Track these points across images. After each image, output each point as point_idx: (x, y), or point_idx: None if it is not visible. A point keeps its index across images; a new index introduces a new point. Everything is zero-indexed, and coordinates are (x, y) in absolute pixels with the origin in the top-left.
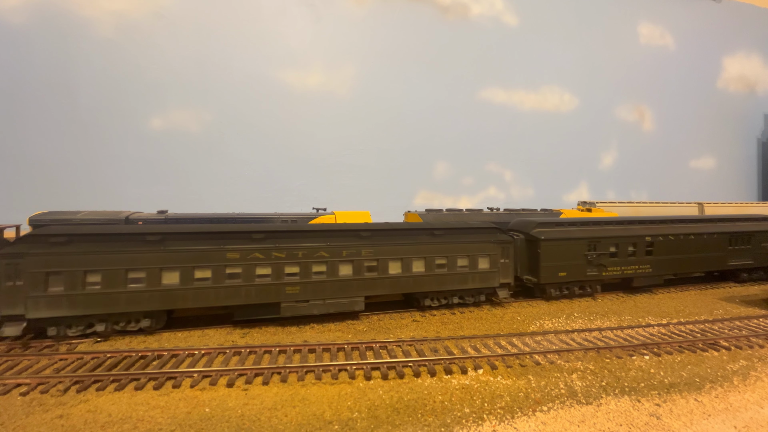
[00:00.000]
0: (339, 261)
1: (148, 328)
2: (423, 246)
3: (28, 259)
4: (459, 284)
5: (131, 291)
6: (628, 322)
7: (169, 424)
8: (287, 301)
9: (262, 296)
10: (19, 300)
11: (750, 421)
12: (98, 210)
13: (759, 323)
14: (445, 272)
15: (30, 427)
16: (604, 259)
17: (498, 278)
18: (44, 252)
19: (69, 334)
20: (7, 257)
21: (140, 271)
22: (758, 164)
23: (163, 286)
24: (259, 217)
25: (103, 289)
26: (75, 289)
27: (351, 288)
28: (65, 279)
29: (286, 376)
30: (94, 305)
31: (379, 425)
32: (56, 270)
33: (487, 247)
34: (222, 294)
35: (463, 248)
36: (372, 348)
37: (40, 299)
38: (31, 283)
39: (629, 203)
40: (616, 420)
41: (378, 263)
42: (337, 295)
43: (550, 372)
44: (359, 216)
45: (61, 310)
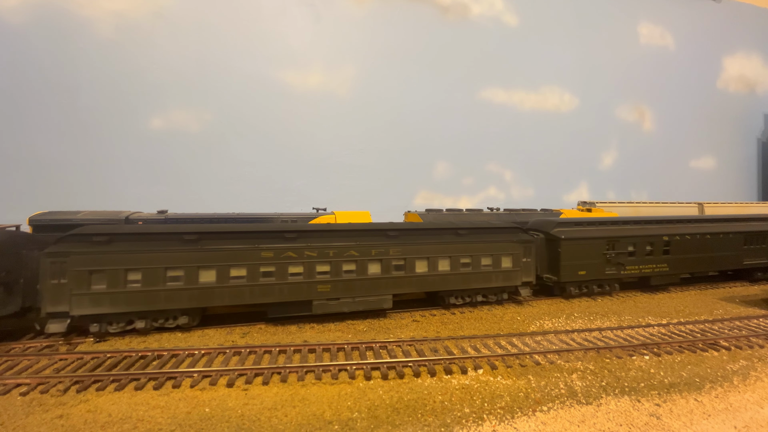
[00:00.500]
0: (368, 260)
1: (185, 325)
2: (448, 245)
3: (73, 258)
4: (483, 283)
5: (170, 289)
6: (628, 322)
7: (169, 424)
8: (319, 298)
9: (294, 294)
10: (64, 297)
11: (750, 421)
12: (98, 210)
13: (759, 323)
14: (469, 271)
15: (30, 427)
16: (623, 258)
17: (521, 277)
18: (87, 251)
19: (110, 330)
20: (53, 256)
21: (178, 270)
22: (758, 164)
23: (201, 284)
24: (259, 217)
25: (144, 287)
26: (117, 286)
27: (379, 286)
28: (107, 277)
29: (286, 376)
30: (134, 302)
31: (379, 425)
32: (99, 268)
33: (509, 247)
34: (257, 292)
35: (486, 247)
36: (372, 348)
37: (83, 297)
38: (76, 281)
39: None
40: (616, 420)
41: (405, 262)
42: (366, 293)
43: (550, 372)
44: (359, 216)
45: (103, 308)
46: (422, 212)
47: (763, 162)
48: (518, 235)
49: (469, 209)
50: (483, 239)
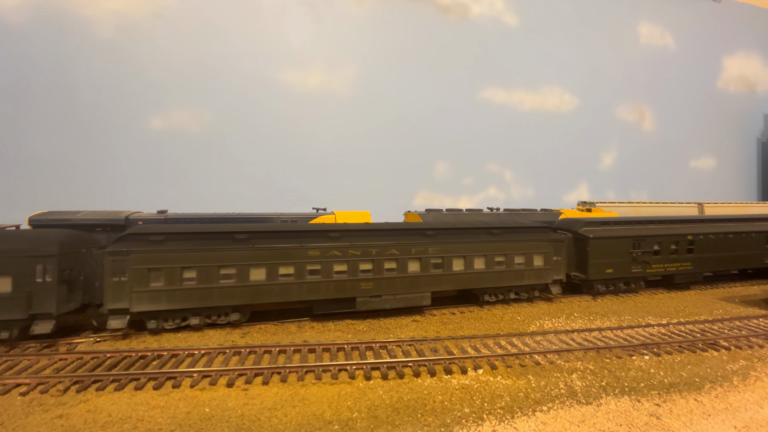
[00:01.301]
0: (408, 258)
1: (236, 321)
2: (483, 244)
3: (132, 257)
4: (516, 280)
5: (223, 286)
6: (628, 322)
7: (169, 424)
8: (362, 296)
9: (339, 291)
10: (124, 294)
11: (750, 421)
12: (98, 210)
13: (759, 323)
14: (503, 269)
15: (30, 427)
16: (648, 257)
17: (551, 275)
18: (146, 249)
19: (165, 327)
20: (114, 254)
21: (230, 268)
22: (758, 164)
23: (251, 281)
24: (259, 217)
25: (198, 285)
26: (173, 284)
27: (419, 284)
28: (165, 275)
29: (286, 376)
30: (190, 299)
31: (379, 425)
32: (157, 266)
33: (541, 246)
34: (304, 289)
35: (519, 246)
36: (372, 348)
37: (142, 294)
38: (135, 278)
39: (629, 203)
40: (616, 420)
41: (443, 260)
42: (406, 291)
43: (550, 372)
44: (359, 216)
45: (161, 304)
46: (422, 212)
47: (762, 162)
48: (549, 235)
49: (469, 209)
50: (516, 238)
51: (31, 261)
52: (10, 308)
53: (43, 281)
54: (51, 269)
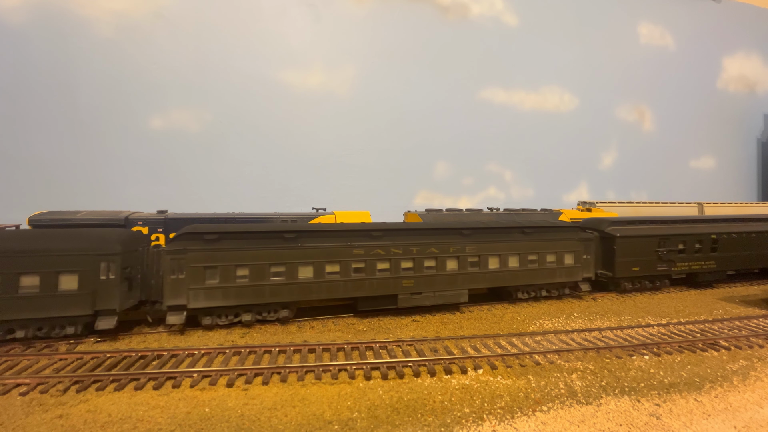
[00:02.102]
0: (446, 257)
1: (284, 318)
2: (517, 243)
3: (190, 255)
4: (548, 278)
5: (274, 284)
6: (628, 322)
7: (169, 424)
8: (403, 293)
9: (382, 288)
10: (182, 291)
11: (750, 421)
12: (98, 210)
13: (759, 323)
14: (536, 267)
15: (29, 427)
16: (673, 255)
17: (581, 273)
18: (202, 248)
19: (219, 323)
20: (173, 253)
21: (281, 266)
22: (758, 164)
23: (300, 279)
24: (259, 216)
25: (251, 282)
26: (228, 281)
27: (457, 281)
28: (220, 273)
29: (286, 376)
30: (243, 296)
31: (378, 425)
32: (212, 265)
33: (571, 244)
34: (349, 286)
35: (551, 245)
36: (372, 348)
37: (199, 291)
38: (192, 276)
39: (629, 203)
40: (615, 420)
41: (479, 259)
42: (445, 288)
43: (550, 372)
44: (359, 216)
45: (216, 301)
46: (422, 212)
47: (762, 162)
48: (579, 234)
49: (469, 209)
50: (547, 237)
51: (96, 259)
52: (77, 304)
53: (107, 278)
54: (114, 267)
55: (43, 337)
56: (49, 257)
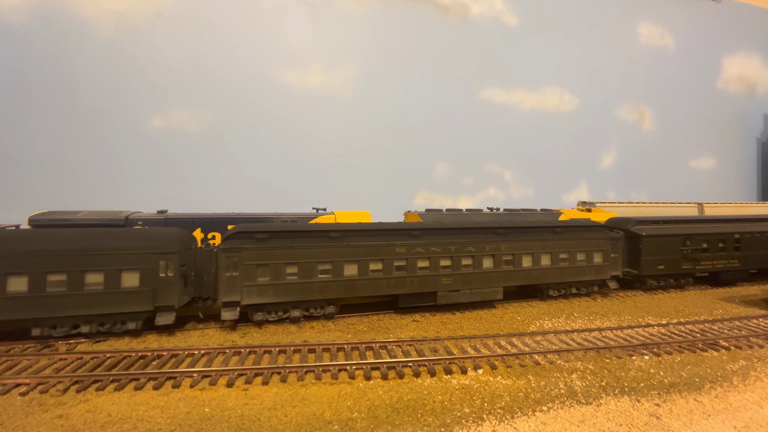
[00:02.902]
0: (483, 255)
1: (330, 314)
2: (548, 242)
3: (243, 253)
4: (578, 276)
5: (321, 281)
6: (628, 322)
7: (169, 424)
8: (442, 290)
9: (422, 286)
10: (236, 288)
11: (750, 421)
12: (98, 210)
13: (759, 323)
14: (567, 266)
15: (29, 427)
16: (697, 254)
17: (609, 271)
18: (254, 247)
19: (269, 319)
20: (227, 251)
21: (327, 264)
22: (758, 164)
23: (345, 276)
24: (258, 216)
25: (300, 279)
26: (278, 279)
27: (492, 279)
28: (270, 270)
29: (286, 376)
30: (293, 293)
31: (378, 425)
32: (264, 262)
33: (600, 243)
34: (392, 283)
35: (581, 244)
36: (372, 348)
37: (252, 288)
38: (245, 273)
39: (629, 203)
40: (615, 420)
41: (513, 257)
42: (481, 285)
43: (549, 372)
44: (359, 216)
45: (267, 297)
46: (422, 212)
47: (762, 162)
48: (607, 233)
49: (469, 209)
50: (578, 236)
51: (156, 257)
52: (138, 301)
53: (166, 276)
54: (172, 265)
55: (105, 332)
56: (113, 255)
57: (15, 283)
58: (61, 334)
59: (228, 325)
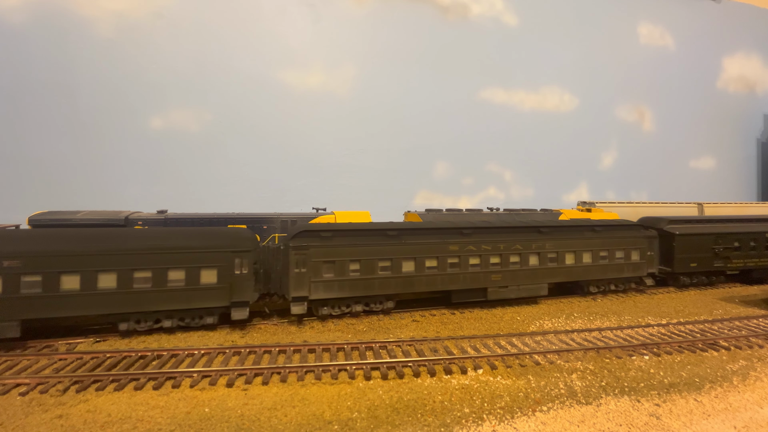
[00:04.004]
0: (529, 253)
1: (388, 309)
2: (589, 240)
3: (311, 251)
4: (617, 273)
5: (381, 277)
6: (628, 322)
7: (169, 424)
8: (492, 286)
9: (474, 282)
10: (304, 284)
11: (750, 421)
12: (98, 210)
13: (759, 323)
14: (606, 263)
15: (29, 427)
16: (729, 252)
17: (646, 268)
18: (320, 244)
19: (332, 313)
20: (297, 249)
21: (387, 261)
22: (758, 164)
23: (403, 273)
24: (258, 217)
25: (362, 276)
26: (343, 275)
27: (538, 276)
28: (335, 267)
29: (286, 376)
30: (355, 289)
31: (378, 425)
32: (329, 260)
33: (637, 241)
34: (446, 280)
35: (619, 242)
36: (372, 348)
37: (319, 283)
38: (313, 270)
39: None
40: (615, 420)
41: (557, 255)
42: (528, 282)
43: (549, 372)
44: (359, 216)
45: (333, 293)
46: (422, 212)
47: (762, 162)
48: (643, 231)
49: (469, 209)
50: (616, 235)
51: (232, 255)
52: (216, 296)
53: (240, 273)
54: (247, 263)
55: (184, 326)
56: (193, 254)
57: (105, 280)
58: (145, 328)
59: (294, 320)
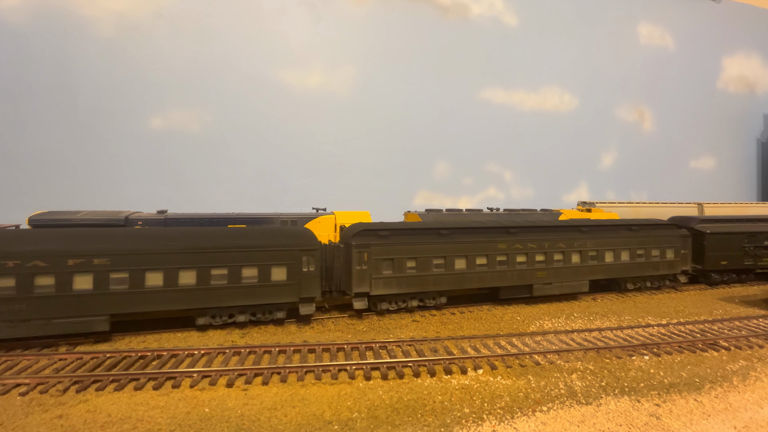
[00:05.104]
0: (572, 251)
1: (441, 304)
2: (627, 239)
3: (372, 249)
4: (653, 270)
5: (435, 274)
6: (628, 322)
7: (169, 424)
8: (538, 283)
9: (520, 279)
10: (365, 280)
11: (750, 421)
12: (98, 210)
13: (758, 323)
14: (643, 261)
15: (29, 427)
16: (759, 251)
17: (680, 266)
18: (379, 243)
19: (390, 309)
20: (359, 247)
21: (440, 258)
22: (758, 165)
23: (456, 270)
24: (258, 217)
25: (418, 273)
26: (400, 272)
27: (579, 273)
28: (394, 264)
29: (286, 376)
30: (412, 285)
31: (378, 425)
32: (388, 257)
33: (672, 240)
34: (495, 276)
35: (655, 241)
36: (372, 348)
37: (379, 280)
38: (373, 267)
39: (629, 203)
40: (615, 420)
41: (597, 253)
42: (570, 279)
43: (549, 372)
44: (359, 216)
45: (391, 289)
46: (422, 212)
47: (762, 162)
48: (677, 230)
49: (469, 209)
50: (652, 234)
51: (300, 254)
52: (286, 293)
53: (308, 270)
54: (313, 260)
55: (255, 321)
56: (265, 252)
57: (185, 277)
58: (219, 323)
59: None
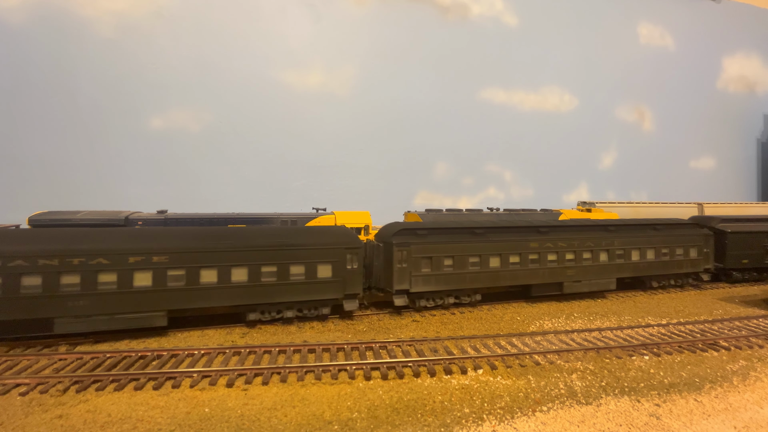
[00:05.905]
0: (600, 250)
1: (476, 301)
2: (652, 238)
3: (412, 247)
4: (677, 269)
5: (471, 272)
6: (628, 322)
7: (169, 424)
8: (568, 280)
9: (551, 277)
10: (405, 278)
11: (750, 421)
12: (98, 210)
13: (759, 323)
14: (668, 259)
15: (29, 427)
16: None
17: (703, 264)
18: (418, 242)
19: (427, 305)
20: (400, 245)
21: (476, 257)
22: (758, 165)
23: (491, 268)
24: (258, 217)
25: (455, 271)
26: (438, 270)
27: (607, 271)
28: (432, 262)
29: (286, 376)
30: (449, 282)
31: (378, 425)
32: (427, 255)
33: (695, 239)
34: (527, 274)
35: (679, 240)
36: (372, 348)
37: (418, 277)
38: (413, 265)
39: (629, 203)
40: (615, 420)
41: (624, 252)
42: (598, 277)
43: (549, 372)
44: (359, 216)
45: (429, 286)
46: (422, 212)
47: (762, 162)
48: (699, 230)
49: (469, 209)
50: (676, 233)
51: (344, 252)
52: (331, 289)
53: (352, 268)
54: (357, 258)
55: (302, 317)
56: (311, 250)
57: (237, 274)
58: (268, 318)
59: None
